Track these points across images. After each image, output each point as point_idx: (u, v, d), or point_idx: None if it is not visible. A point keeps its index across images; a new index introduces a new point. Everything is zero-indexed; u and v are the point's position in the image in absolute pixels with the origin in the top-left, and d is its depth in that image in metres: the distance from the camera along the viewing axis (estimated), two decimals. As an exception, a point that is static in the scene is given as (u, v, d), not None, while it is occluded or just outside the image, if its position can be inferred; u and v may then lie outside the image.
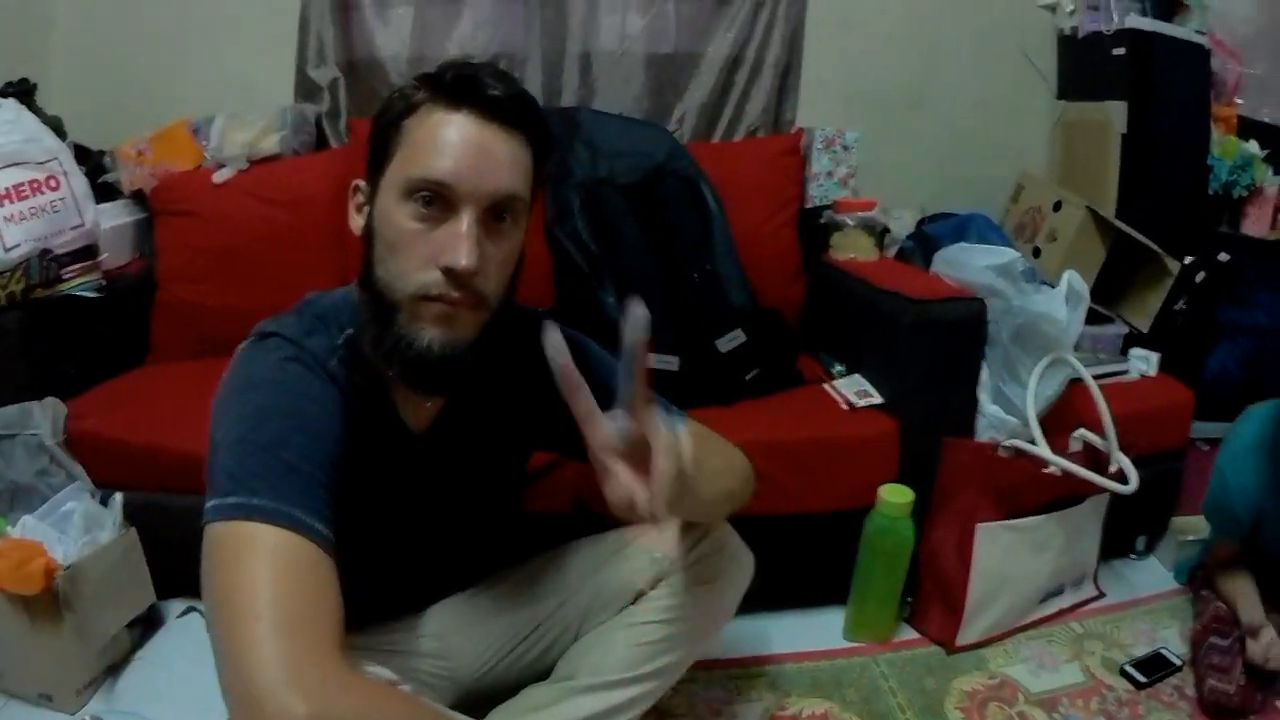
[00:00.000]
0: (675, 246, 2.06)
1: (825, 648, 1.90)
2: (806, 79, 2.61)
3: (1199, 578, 2.07)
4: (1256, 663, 1.77)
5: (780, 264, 2.34)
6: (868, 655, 1.89)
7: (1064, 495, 1.94)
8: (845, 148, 2.44)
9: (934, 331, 1.87)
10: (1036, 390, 1.87)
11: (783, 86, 2.61)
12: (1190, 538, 2.25)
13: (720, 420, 1.33)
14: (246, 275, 2.14)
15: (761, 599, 1.66)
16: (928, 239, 2.34)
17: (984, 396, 1.90)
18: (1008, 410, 1.90)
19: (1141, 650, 1.97)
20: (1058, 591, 2.06)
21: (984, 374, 1.90)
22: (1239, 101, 2.98)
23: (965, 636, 1.91)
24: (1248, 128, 2.80)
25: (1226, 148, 2.63)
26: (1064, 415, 2.00)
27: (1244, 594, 1.90)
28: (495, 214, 1.03)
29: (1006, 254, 1.98)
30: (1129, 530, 2.30)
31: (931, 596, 1.96)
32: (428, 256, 1.00)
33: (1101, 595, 2.17)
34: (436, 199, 1.00)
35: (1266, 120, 3.00)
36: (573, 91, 2.48)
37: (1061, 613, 2.07)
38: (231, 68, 2.42)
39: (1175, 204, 2.54)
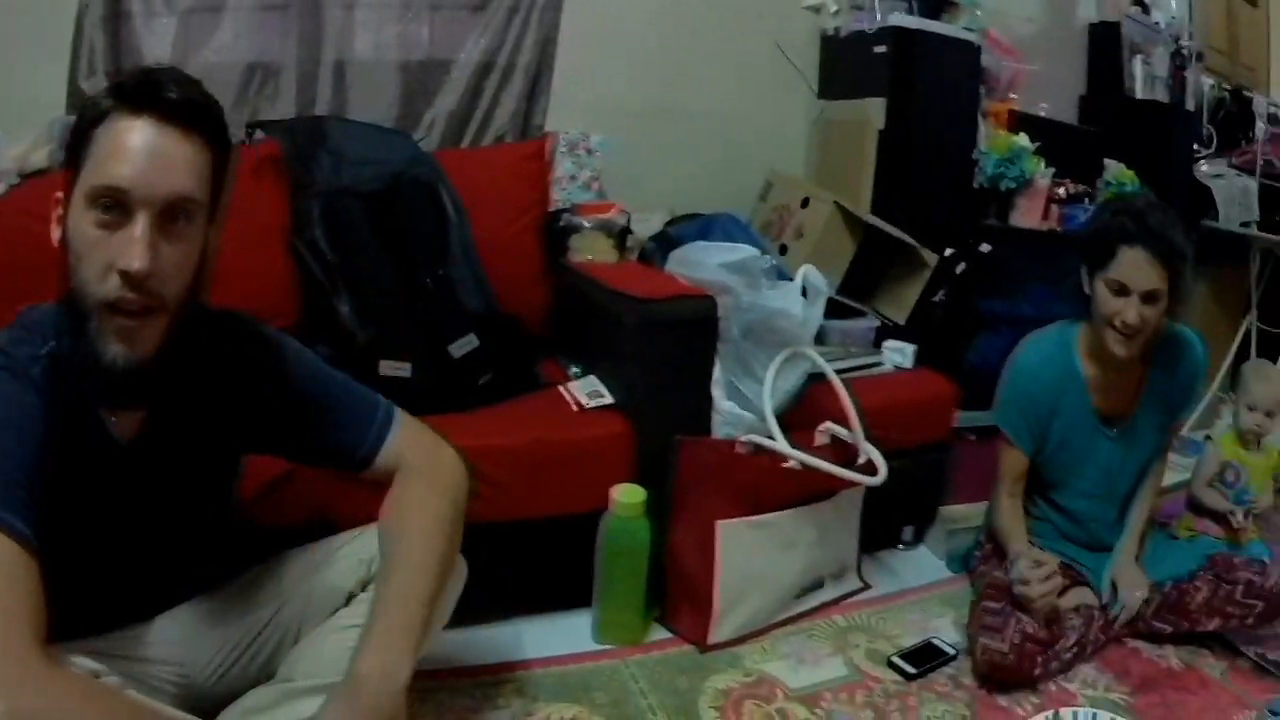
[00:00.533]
0: (411, 252, 2.08)
1: (575, 652, 1.92)
2: (559, 85, 2.67)
3: (976, 559, 2.20)
4: (1016, 592, 1.90)
5: (523, 268, 2.37)
6: (618, 658, 1.91)
7: (816, 489, 2.01)
8: (590, 152, 2.50)
9: (660, 331, 1.92)
10: (775, 385, 1.94)
11: (533, 93, 2.67)
12: (960, 526, 2.36)
13: (451, 426, 1.38)
14: (16, 292, 2.06)
15: (509, 605, 1.69)
16: (671, 240, 2.40)
17: (718, 393, 1.96)
18: (744, 406, 1.96)
19: (911, 641, 2.03)
20: (817, 586, 2.13)
21: (717, 371, 1.95)
22: (1014, 97, 3.14)
23: (718, 635, 1.95)
24: (1021, 122, 2.96)
25: (996, 142, 2.76)
26: (812, 409, 2.07)
27: (1015, 530, 2.08)
28: (171, 216, 1.06)
29: (743, 250, 2.05)
30: (896, 521, 2.39)
31: (681, 596, 2.00)
32: (107, 262, 1.03)
33: (867, 587, 2.24)
34: (115, 205, 1.03)
35: (1044, 115, 3.18)
36: (326, 101, 2.50)
37: (824, 607, 2.13)
38: (2, 81, 2.36)
39: (936, 198, 2.66)
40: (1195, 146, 4.16)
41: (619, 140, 2.56)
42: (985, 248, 2.62)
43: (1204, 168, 4.12)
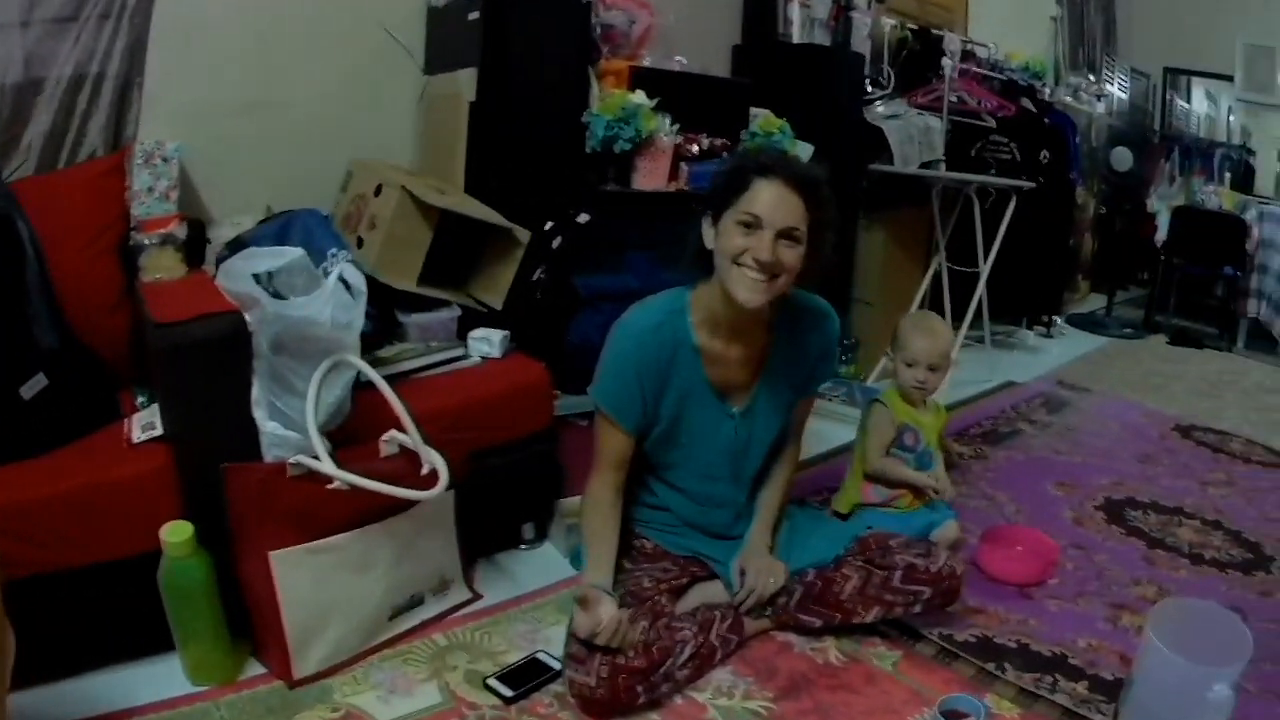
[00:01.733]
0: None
1: (168, 697, 1.89)
2: (151, 91, 2.61)
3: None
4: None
5: (102, 296, 2.32)
6: (209, 700, 1.89)
7: (385, 505, 2.01)
8: (166, 160, 2.45)
9: (184, 354, 1.89)
10: (320, 398, 1.94)
11: (123, 103, 2.60)
12: (577, 520, 2.41)
13: None
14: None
15: (99, 654, 1.69)
16: (244, 247, 2.36)
17: (261, 415, 1.94)
18: (289, 426, 1.95)
19: (517, 657, 2.04)
20: (415, 603, 2.16)
21: (256, 391, 1.94)
22: (643, 53, 3.23)
23: (303, 669, 1.96)
24: (645, 79, 3.02)
25: (607, 103, 2.81)
26: (381, 417, 2.08)
27: (599, 536, 2.06)
28: None
29: (288, 255, 2.03)
30: (515, 520, 2.44)
31: (264, 630, 1.99)
32: None
33: (478, 597, 2.28)
34: None
35: (678, 68, 3.27)
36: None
37: (425, 625, 2.15)
38: None
39: (539, 169, 2.71)
40: (869, 89, 4.38)
41: (208, 142, 2.55)
42: (583, 218, 2.65)
43: (880, 109, 4.35)
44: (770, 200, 1.86)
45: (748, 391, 2.15)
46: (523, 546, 2.48)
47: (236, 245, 2.41)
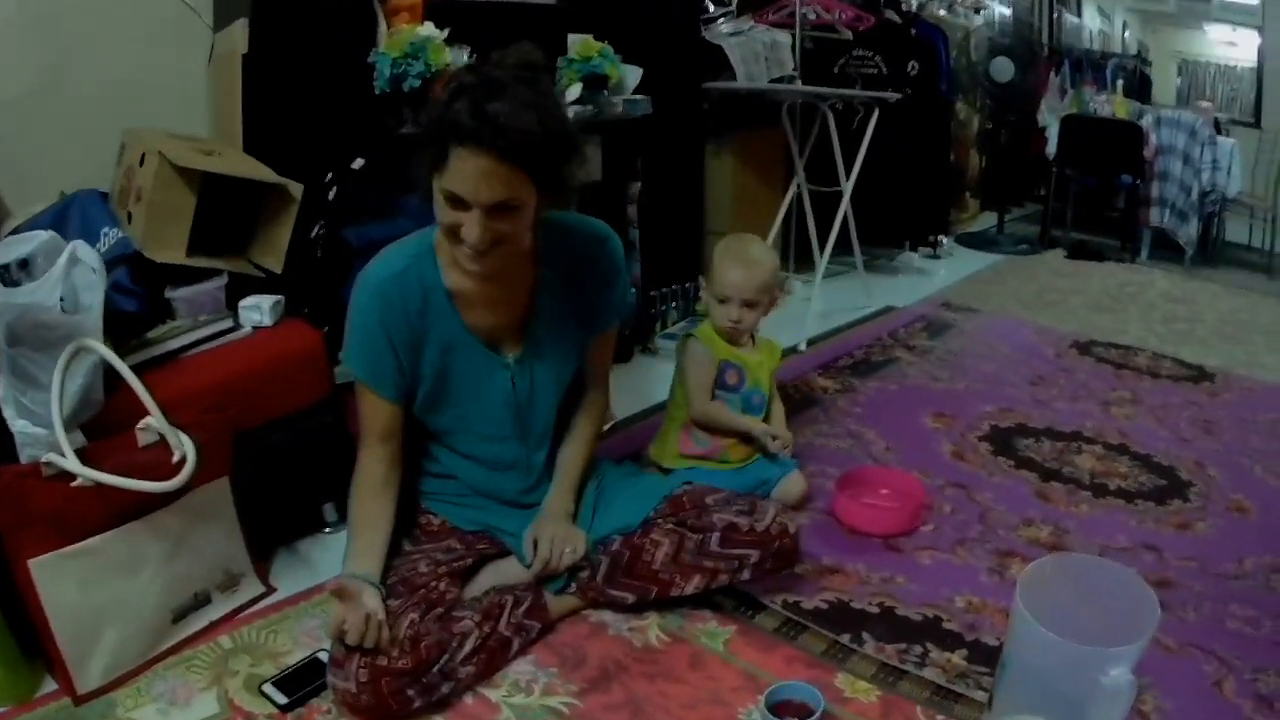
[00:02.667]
0: None
1: None
2: None
3: None
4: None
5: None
6: None
7: (146, 499, 1.95)
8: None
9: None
10: (64, 389, 1.89)
11: None
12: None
13: None
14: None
15: None
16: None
17: (10, 413, 1.88)
18: (38, 423, 1.89)
19: (301, 656, 1.98)
20: (202, 603, 2.11)
21: (1, 388, 1.88)
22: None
23: (85, 683, 1.91)
24: (441, 11, 2.95)
25: (395, 40, 2.75)
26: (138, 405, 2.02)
27: (363, 527, 1.97)
28: None
29: (34, 240, 1.99)
30: (313, 501, 2.42)
31: (47, 645, 1.93)
32: None
33: (271, 591, 2.23)
34: None
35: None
36: None
37: (213, 627, 2.11)
38: None
39: (323, 117, 2.66)
40: (710, 7, 4.38)
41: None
42: (358, 163, 2.59)
43: (723, 27, 4.34)
44: (473, 176, 1.66)
45: (521, 335, 2.03)
46: (327, 530, 2.44)
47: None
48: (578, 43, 3.33)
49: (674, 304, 4.24)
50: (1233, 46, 8.86)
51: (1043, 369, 4.03)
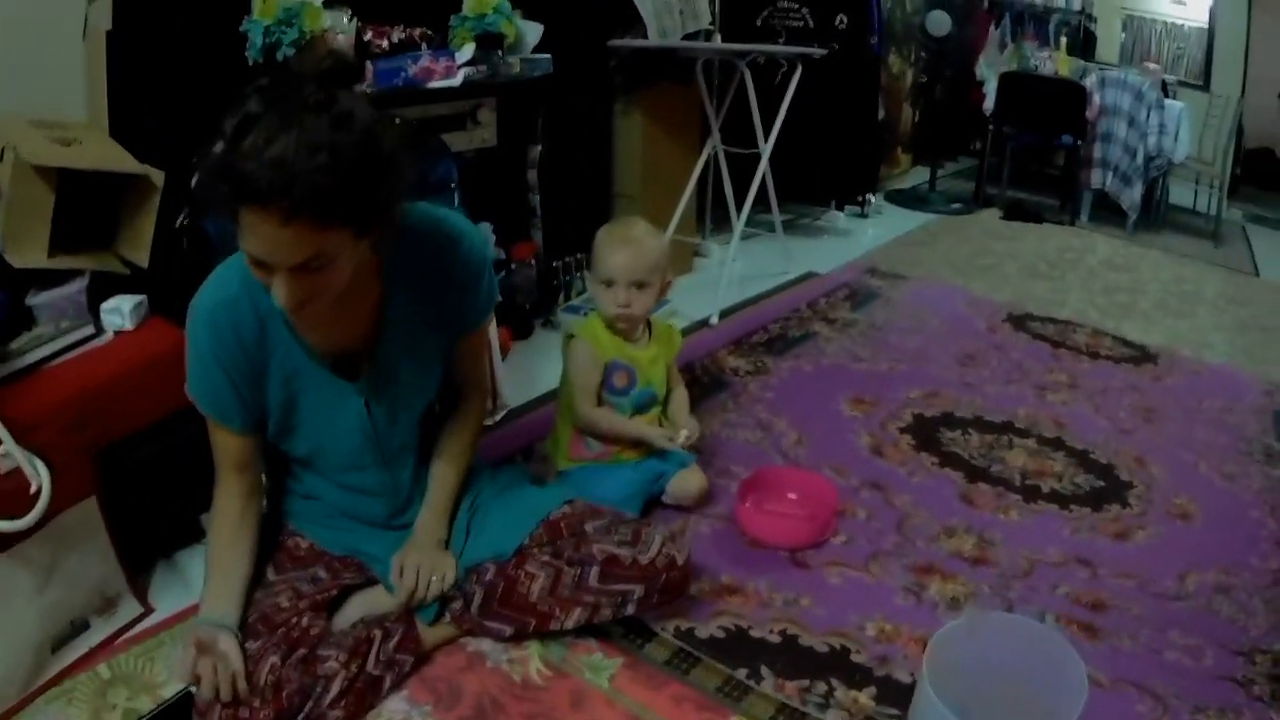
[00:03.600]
0: None
1: None
2: None
3: None
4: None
5: None
6: None
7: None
8: None
9: None
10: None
11: None
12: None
13: None
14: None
15: None
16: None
17: None
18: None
19: (175, 690, 1.94)
20: (79, 630, 2.10)
21: None
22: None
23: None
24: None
25: (266, 6, 2.70)
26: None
27: (215, 567, 1.90)
28: None
29: None
30: (189, 511, 2.40)
31: None
32: None
33: (149, 612, 2.22)
34: None
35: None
36: None
37: (92, 653, 2.09)
38: None
39: (196, 94, 2.58)
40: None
41: None
42: (220, 146, 2.55)
43: (636, -20, 4.30)
44: (268, 240, 1.51)
45: (370, 355, 1.92)
46: (203, 541, 2.40)
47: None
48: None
49: (579, 274, 4.23)
50: (1180, 5, 9.09)
51: (973, 346, 4.01)
